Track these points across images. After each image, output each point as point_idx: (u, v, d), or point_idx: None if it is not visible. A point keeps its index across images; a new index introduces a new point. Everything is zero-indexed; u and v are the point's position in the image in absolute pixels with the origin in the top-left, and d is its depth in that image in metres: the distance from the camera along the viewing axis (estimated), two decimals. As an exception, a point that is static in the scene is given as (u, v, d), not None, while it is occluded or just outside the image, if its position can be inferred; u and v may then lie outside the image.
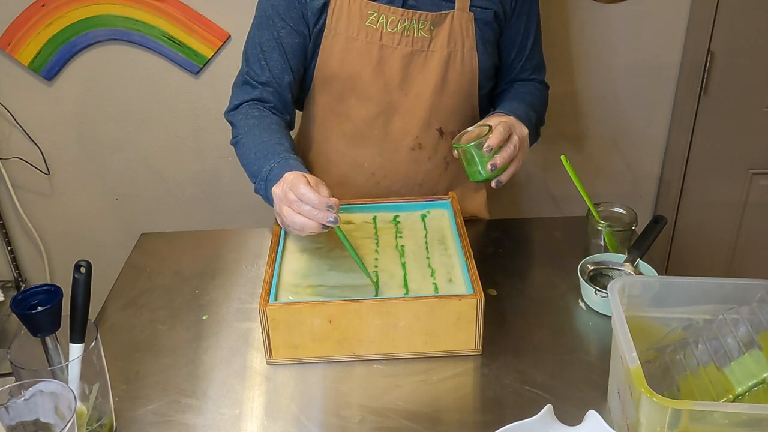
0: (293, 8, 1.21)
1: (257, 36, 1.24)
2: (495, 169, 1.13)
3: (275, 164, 1.11)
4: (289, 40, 1.22)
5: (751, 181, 1.97)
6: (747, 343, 0.83)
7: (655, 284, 0.93)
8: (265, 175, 1.12)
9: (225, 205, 1.98)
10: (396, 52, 1.22)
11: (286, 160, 1.12)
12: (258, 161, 1.15)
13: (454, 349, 1.02)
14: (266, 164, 1.13)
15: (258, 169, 1.14)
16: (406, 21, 1.20)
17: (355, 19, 1.20)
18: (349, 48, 1.21)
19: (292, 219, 1.02)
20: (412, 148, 1.30)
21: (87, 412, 0.85)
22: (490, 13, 1.24)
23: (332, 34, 1.21)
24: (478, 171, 1.14)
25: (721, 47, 1.79)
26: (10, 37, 1.71)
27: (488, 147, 1.10)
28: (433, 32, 1.22)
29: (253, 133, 1.20)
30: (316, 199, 0.99)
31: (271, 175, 1.11)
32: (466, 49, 1.24)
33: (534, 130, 1.28)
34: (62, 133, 1.86)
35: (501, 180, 1.15)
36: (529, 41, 1.32)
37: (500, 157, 1.12)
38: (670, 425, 0.73)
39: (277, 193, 1.07)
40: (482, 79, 1.28)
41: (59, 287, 0.84)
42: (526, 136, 1.19)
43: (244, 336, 1.09)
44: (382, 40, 1.21)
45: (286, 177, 1.06)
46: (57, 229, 1.99)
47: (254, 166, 1.16)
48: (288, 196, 1.03)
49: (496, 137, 1.11)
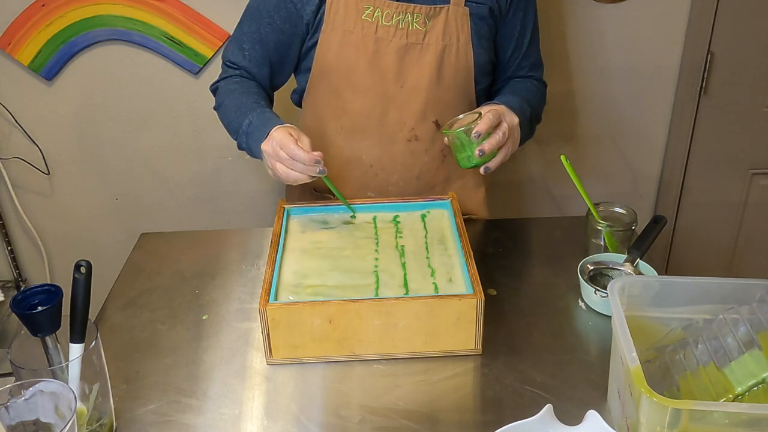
0: (282, 8, 1.25)
1: (245, 25, 1.31)
2: (483, 155, 1.13)
3: (254, 117, 1.21)
4: (272, 37, 1.28)
5: (751, 181, 1.97)
6: (747, 343, 0.83)
7: (655, 284, 0.93)
8: (246, 128, 1.22)
9: (225, 205, 1.98)
10: (391, 45, 1.24)
11: (263, 113, 1.21)
12: (238, 118, 1.24)
13: (453, 349, 1.02)
14: (245, 119, 1.22)
15: (238, 125, 1.24)
16: (400, 14, 1.22)
17: (351, 13, 1.22)
18: (345, 41, 1.24)
19: (287, 174, 1.13)
20: (409, 140, 1.31)
21: (87, 412, 0.85)
22: (485, 8, 1.25)
23: (329, 28, 1.24)
24: (467, 157, 1.15)
25: (721, 47, 1.79)
26: (10, 37, 1.71)
27: (476, 132, 1.12)
28: (428, 25, 1.24)
29: (234, 96, 1.28)
30: (305, 157, 1.10)
31: (251, 128, 1.21)
32: (461, 43, 1.25)
33: (528, 124, 1.29)
34: (62, 133, 1.86)
35: (489, 167, 1.16)
36: (526, 38, 1.33)
37: (488, 143, 1.13)
38: (670, 425, 0.73)
39: (267, 150, 1.15)
40: (478, 74, 1.29)
41: (59, 287, 0.84)
42: (517, 125, 1.20)
43: (244, 336, 1.09)
44: (378, 33, 1.23)
45: (272, 134, 1.15)
46: (57, 229, 1.99)
47: (234, 123, 1.25)
48: (279, 154, 1.13)
49: (485, 123, 1.13)
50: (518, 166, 1.97)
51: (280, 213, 1.22)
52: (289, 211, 1.24)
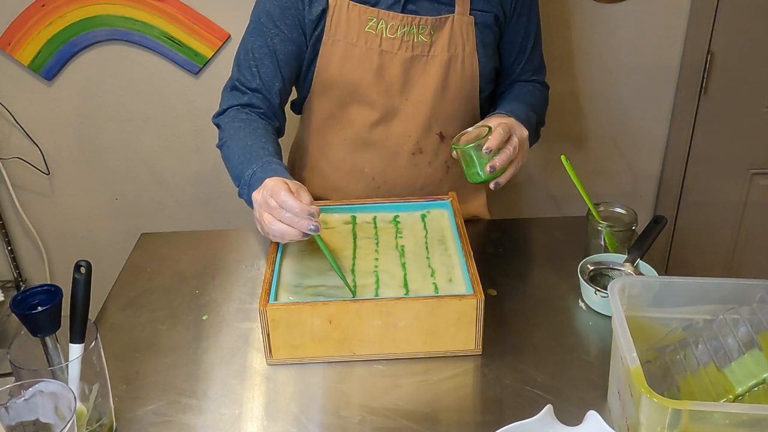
0: (288, 15, 1.20)
1: (250, 42, 1.24)
2: (494, 171, 1.12)
3: (258, 168, 1.10)
4: (282, 47, 1.22)
5: (751, 181, 1.97)
6: (747, 344, 0.83)
7: (655, 284, 0.93)
8: (248, 179, 1.11)
9: (225, 205, 1.98)
10: (396, 58, 1.21)
11: (268, 164, 1.10)
12: (241, 165, 1.14)
13: (454, 349, 1.02)
14: (248, 168, 1.11)
15: (240, 173, 1.13)
16: (405, 26, 1.19)
17: (354, 25, 1.20)
18: (348, 54, 1.21)
19: (272, 226, 1.01)
20: (413, 152, 1.30)
21: (87, 412, 0.85)
22: (491, 16, 1.24)
23: (331, 40, 1.21)
24: (476, 172, 1.14)
25: (721, 47, 1.79)
26: (10, 37, 1.71)
27: (487, 148, 1.10)
28: (434, 37, 1.21)
29: (238, 137, 1.18)
30: (297, 206, 0.98)
31: (254, 179, 1.09)
32: (466, 53, 1.24)
33: (534, 131, 1.28)
34: (62, 133, 1.86)
35: (500, 182, 1.14)
36: (530, 43, 1.32)
37: (499, 159, 1.12)
38: (670, 425, 0.73)
39: (258, 199, 1.05)
40: (483, 83, 1.28)
41: (59, 287, 0.84)
42: (526, 138, 1.19)
43: (244, 336, 1.09)
44: (382, 45, 1.20)
45: (266, 183, 1.05)
46: (57, 229, 1.99)
47: (237, 169, 1.15)
48: (269, 202, 1.01)
49: (496, 139, 1.11)
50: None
51: (280, 213, 1.22)
52: (289, 211, 1.24)
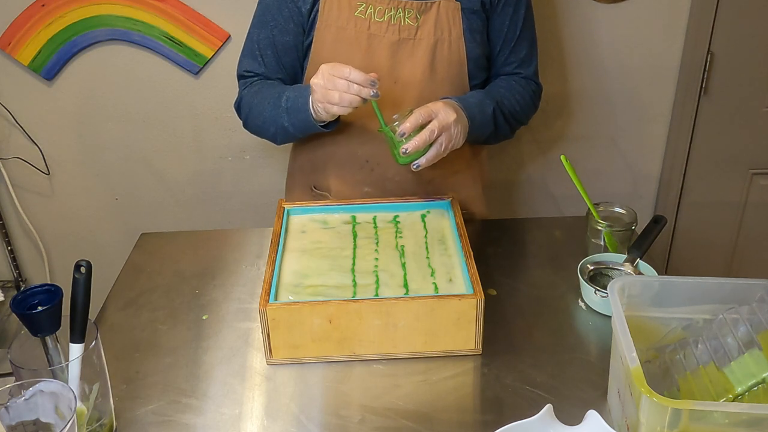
0: (284, 8, 1.26)
1: (255, 33, 1.32)
2: (407, 154, 1.13)
3: (289, 93, 1.22)
4: (280, 39, 1.29)
5: (751, 181, 1.97)
6: (747, 343, 0.83)
7: (655, 284, 0.93)
8: (284, 105, 1.22)
9: (225, 205, 1.98)
10: (383, 41, 1.25)
11: (296, 87, 1.23)
12: (272, 105, 1.25)
13: (453, 349, 1.02)
14: (281, 99, 1.23)
15: (275, 109, 1.24)
16: (392, 10, 1.23)
17: (344, 10, 1.24)
18: (339, 38, 1.25)
19: (342, 98, 1.11)
20: None
21: (87, 412, 0.85)
22: (477, 2, 1.26)
23: (323, 26, 1.25)
24: (397, 153, 1.15)
25: (721, 47, 1.79)
26: (10, 37, 1.71)
27: (401, 132, 1.12)
28: (420, 20, 1.25)
29: (260, 93, 1.29)
30: (362, 76, 1.09)
31: (290, 102, 1.21)
32: (453, 37, 1.26)
33: (492, 122, 1.27)
34: (62, 133, 1.86)
35: (419, 164, 1.15)
36: (515, 33, 1.32)
37: (411, 143, 1.12)
38: (670, 425, 0.73)
39: (319, 83, 1.13)
40: (473, 69, 1.29)
41: (59, 287, 0.84)
42: (452, 122, 1.15)
43: (244, 336, 1.09)
44: (371, 29, 1.24)
45: (322, 68, 1.13)
46: (57, 229, 1.99)
47: (272, 112, 1.25)
48: (333, 79, 1.11)
49: (409, 122, 1.12)
50: (518, 166, 1.97)
51: (280, 213, 1.22)
52: (289, 211, 1.24)
